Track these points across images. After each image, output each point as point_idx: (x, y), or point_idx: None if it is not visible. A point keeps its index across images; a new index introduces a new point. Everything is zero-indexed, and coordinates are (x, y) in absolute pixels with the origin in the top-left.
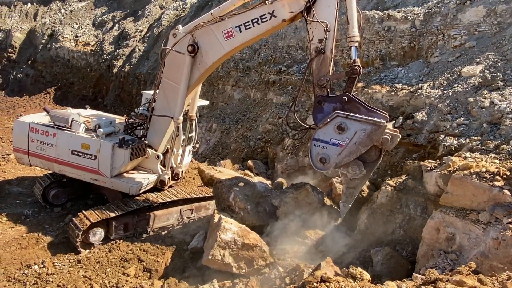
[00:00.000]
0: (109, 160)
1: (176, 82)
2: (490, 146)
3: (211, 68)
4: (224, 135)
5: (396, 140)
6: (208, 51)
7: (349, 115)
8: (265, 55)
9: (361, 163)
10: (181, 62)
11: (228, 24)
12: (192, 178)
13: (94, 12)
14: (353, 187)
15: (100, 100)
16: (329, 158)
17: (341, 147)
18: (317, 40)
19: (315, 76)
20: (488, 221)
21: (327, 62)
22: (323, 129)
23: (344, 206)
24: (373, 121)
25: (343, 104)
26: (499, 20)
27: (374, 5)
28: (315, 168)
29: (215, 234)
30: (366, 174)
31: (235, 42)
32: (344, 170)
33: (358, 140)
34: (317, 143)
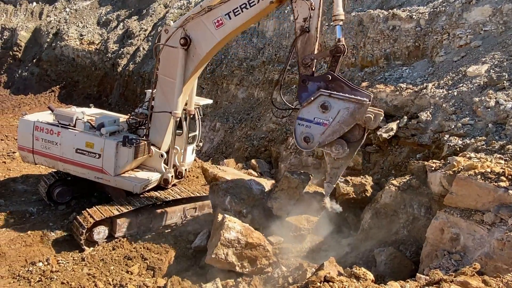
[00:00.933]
0: (113, 158)
1: (172, 77)
2: (495, 147)
3: (205, 59)
4: (227, 134)
5: (379, 119)
6: (200, 42)
7: (333, 93)
8: (269, 54)
9: (344, 143)
10: (175, 57)
11: (218, 12)
12: (196, 177)
13: (98, 11)
14: (337, 167)
15: (105, 98)
16: (313, 137)
17: (325, 126)
18: (302, 19)
19: (300, 55)
20: (493, 222)
21: (312, 41)
22: (307, 108)
23: (328, 186)
24: (356, 100)
25: (327, 83)
26: (505, 20)
27: (379, 4)
28: (299, 148)
29: (218, 233)
30: (350, 153)
31: (226, 29)
32: (328, 149)
33: (341, 119)
34: (301, 122)
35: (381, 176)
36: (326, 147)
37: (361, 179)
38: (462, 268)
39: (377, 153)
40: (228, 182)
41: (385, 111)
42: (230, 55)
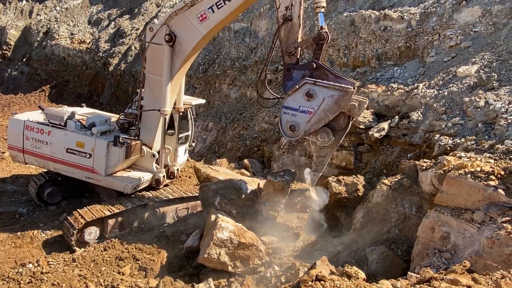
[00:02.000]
0: (103, 158)
1: (159, 75)
2: (485, 146)
3: (191, 54)
4: (220, 134)
5: (363, 107)
6: (185, 38)
7: (317, 81)
8: (261, 54)
9: (329, 131)
10: (161, 54)
11: (201, 7)
12: (188, 177)
13: (89, 9)
14: (323, 155)
15: (96, 98)
16: (298, 126)
17: (310, 114)
18: (284, 8)
19: (283, 44)
20: (483, 220)
21: (295, 29)
22: (292, 96)
23: (314, 175)
24: (341, 87)
25: (312, 71)
26: (494, 21)
27: (370, 5)
28: (285, 136)
29: (211, 233)
30: (335, 142)
31: (210, 23)
32: (313, 137)
33: (326, 107)
34: (287, 110)
35: (373, 176)
36: (312, 135)
37: (353, 178)
38: (452, 266)
39: (369, 152)
40: (218, 183)
41: (377, 111)
42: (222, 55)
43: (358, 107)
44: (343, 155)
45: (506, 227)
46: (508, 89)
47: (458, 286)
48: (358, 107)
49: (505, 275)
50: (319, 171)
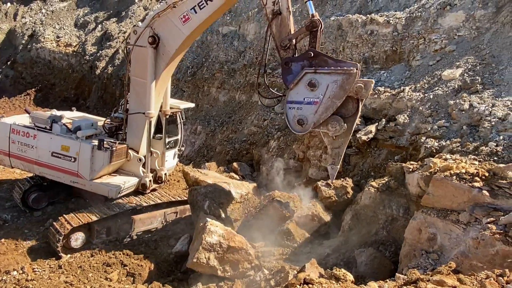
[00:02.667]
0: (88, 162)
1: (143, 77)
2: (469, 148)
3: (175, 56)
4: (209, 137)
5: (370, 87)
6: (169, 39)
7: (318, 69)
8: (250, 57)
9: (340, 118)
10: (145, 56)
11: (183, 8)
12: (177, 181)
13: (76, 12)
14: (337, 146)
15: (83, 102)
16: (306, 119)
17: (316, 104)
18: (271, 3)
19: (277, 39)
20: (468, 221)
21: (286, 22)
22: (294, 89)
23: (333, 168)
24: (343, 70)
25: (310, 60)
26: (478, 25)
27: (357, 9)
28: (294, 132)
29: (200, 237)
30: (348, 129)
31: (193, 24)
32: (324, 128)
33: (331, 94)
34: (292, 105)
35: (361, 178)
36: (322, 126)
37: (342, 181)
38: (438, 267)
39: (357, 155)
40: (207, 187)
41: (364, 114)
42: (211, 58)
43: (365, 88)
44: None
45: (491, 228)
46: (492, 92)
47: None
48: (365, 88)
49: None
50: (336, 163)
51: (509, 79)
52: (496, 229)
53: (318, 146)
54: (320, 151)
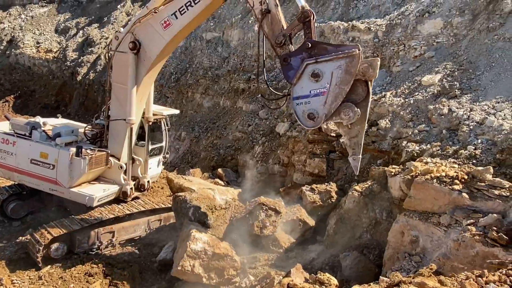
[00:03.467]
0: (67, 169)
1: (125, 84)
2: (449, 152)
3: (157, 62)
4: (193, 143)
5: (377, 65)
6: (150, 45)
7: (318, 58)
8: (234, 63)
9: (352, 105)
10: (126, 62)
11: (164, 13)
12: (161, 188)
13: (56, 18)
14: (355, 135)
15: (63, 108)
16: (317, 111)
17: (324, 95)
18: (258, 3)
19: (271, 38)
20: (449, 224)
21: (277, 19)
22: (298, 84)
23: (355, 159)
24: (345, 54)
25: (309, 51)
26: (455, 32)
27: (339, 16)
28: (306, 128)
29: (185, 244)
30: (362, 115)
31: (174, 30)
32: (337, 118)
33: (338, 80)
34: (298, 101)
35: (345, 182)
36: (334, 116)
37: (326, 186)
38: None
39: (341, 159)
40: (191, 193)
41: None
42: (195, 64)
43: (371, 67)
44: (316, 162)
45: (470, 229)
46: (469, 97)
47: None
48: (371, 67)
49: (469, 276)
50: (357, 153)
51: (485, 84)
52: (476, 231)
53: (303, 151)
54: (304, 156)
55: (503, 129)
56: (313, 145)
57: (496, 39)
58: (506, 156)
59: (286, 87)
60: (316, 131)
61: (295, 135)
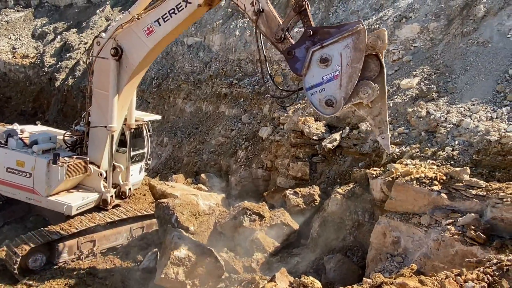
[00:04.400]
0: (44, 177)
1: (106, 90)
2: (428, 153)
3: (139, 69)
4: (176, 149)
5: (385, 35)
6: (132, 52)
7: (323, 42)
8: (216, 68)
9: (368, 81)
10: (108, 68)
11: (147, 20)
12: (143, 195)
13: (33, 23)
14: (378, 113)
15: (41, 115)
16: (334, 97)
17: (337, 78)
18: (250, 4)
19: (270, 36)
20: (429, 224)
21: (272, 16)
22: (308, 73)
23: (384, 137)
24: (350, 31)
25: (311, 38)
26: (432, 37)
27: (319, 21)
28: (325, 115)
29: (168, 252)
30: (381, 90)
31: (157, 37)
32: (357, 99)
33: (348, 60)
34: (312, 90)
35: (328, 185)
36: (353, 98)
37: (309, 189)
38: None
39: (323, 163)
40: (174, 199)
41: (329, 122)
42: (176, 69)
43: (379, 39)
44: (299, 166)
45: (450, 229)
46: (446, 99)
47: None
48: (379, 39)
49: (448, 275)
50: (384, 131)
51: (461, 87)
52: (455, 230)
53: (285, 155)
54: (287, 159)
55: (478, 131)
56: (295, 149)
57: (470, 43)
58: (482, 156)
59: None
60: (298, 135)
61: (278, 139)
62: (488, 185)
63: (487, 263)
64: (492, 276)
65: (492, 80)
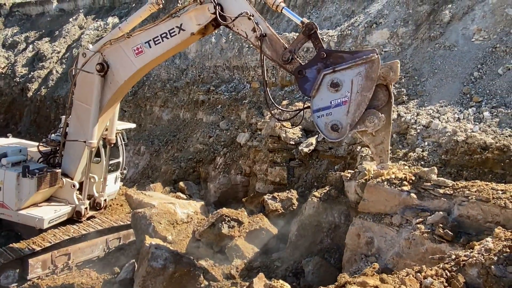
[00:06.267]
0: (13, 191)
1: (88, 103)
2: (399, 155)
3: (124, 87)
4: (153, 157)
5: (397, 67)
6: (119, 69)
7: (336, 67)
8: (192, 75)
9: (375, 111)
10: (91, 83)
11: (137, 40)
12: (120, 205)
13: (3, 32)
14: (380, 142)
15: (13, 127)
16: (340, 122)
17: (346, 104)
18: (251, 31)
19: (276, 58)
20: (400, 223)
21: (275, 38)
22: (317, 96)
23: (383, 167)
24: (364, 60)
25: (324, 60)
26: (401, 41)
27: (293, 28)
28: (330, 140)
29: (145, 262)
30: (387, 120)
31: (146, 58)
32: (362, 127)
33: (359, 87)
34: (319, 113)
35: (305, 189)
36: (359, 125)
37: (287, 193)
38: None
39: (300, 167)
40: (151, 209)
41: (304, 127)
42: (152, 77)
43: (392, 70)
44: (277, 171)
45: (419, 228)
46: (416, 102)
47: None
48: (392, 70)
49: (409, 272)
50: (385, 160)
51: (429, 89)
52: (424, 229)
53: (264, 160)
54: (265, 165)
55: (446, 131)
56: (273, 154)
57: (437, 47)
58: (450, 156)
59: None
60: (275, 140)
61: (255, 144)
62: (455, 184)
63: (447, 259)
64: (450, 272)
65: (458, 83)
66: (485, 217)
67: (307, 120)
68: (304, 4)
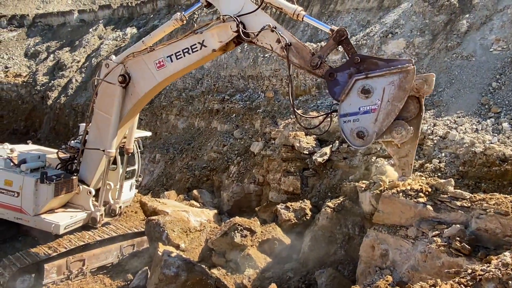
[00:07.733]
0: (31, 196)
1: (108, 113)
2: (415, 165)
3: (144, 98)
4: (168, 165)
5: (432, 80)
6: (140, 81)
7: (369, 73)
8: (208, 84)
9: (404, 122)
10: (112, 93)
11: (159, 54)
12: (135, 212)
13: (26, 42)
14: (405, 155)
15: (33, 134)
16: (367, 130)
17: (375, 112)
18: (276, 43)
19: (304, 65)
20: (416, 236)
21: (301, 46)
22: (346, 101)
23: (404, 180)
24: (399, 69)
25: (357, 65)
26: (417, 51)
27: (308, 38)
28: (354, 147)
29: (158, 270)
30: (415, 133)
31: (167, 72)
32: (388, 137)
33: (390, 97)
34: (346, 118)
35: (319, 199)
36: (385, 135)
37: (300, 203)
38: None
39: (314, 176)
40: (165, 216)
41: (319, 136)
42: (168, 86)
43: (427, 83)
44: (290, 180)
45: (436, 241)
46: (433, 112)
47: None
48: (427, 83)
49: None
50: (407, 174)
51: (447, 100)
52: (441, 242)
53: (277, 169)
54: (279, 174)
55: (464, 143)
56: (287, 163)
57: (454, 57)
58: (468, 168)
59: (260, 105)
60: (289, 149)
61: (269, 153)
62: (472, 196)
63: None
64: (466, 286)
65: (476, 93)
66: (504, 231)
67: (321, 129)
68: (319, 14)
